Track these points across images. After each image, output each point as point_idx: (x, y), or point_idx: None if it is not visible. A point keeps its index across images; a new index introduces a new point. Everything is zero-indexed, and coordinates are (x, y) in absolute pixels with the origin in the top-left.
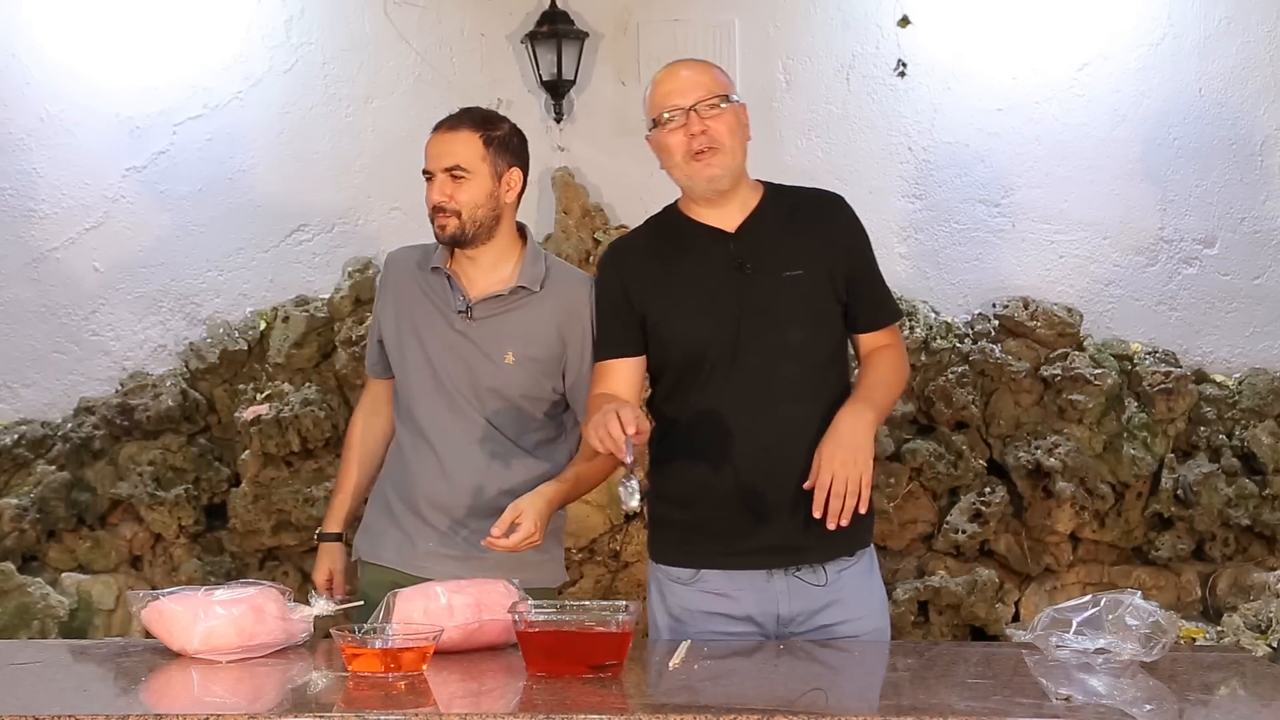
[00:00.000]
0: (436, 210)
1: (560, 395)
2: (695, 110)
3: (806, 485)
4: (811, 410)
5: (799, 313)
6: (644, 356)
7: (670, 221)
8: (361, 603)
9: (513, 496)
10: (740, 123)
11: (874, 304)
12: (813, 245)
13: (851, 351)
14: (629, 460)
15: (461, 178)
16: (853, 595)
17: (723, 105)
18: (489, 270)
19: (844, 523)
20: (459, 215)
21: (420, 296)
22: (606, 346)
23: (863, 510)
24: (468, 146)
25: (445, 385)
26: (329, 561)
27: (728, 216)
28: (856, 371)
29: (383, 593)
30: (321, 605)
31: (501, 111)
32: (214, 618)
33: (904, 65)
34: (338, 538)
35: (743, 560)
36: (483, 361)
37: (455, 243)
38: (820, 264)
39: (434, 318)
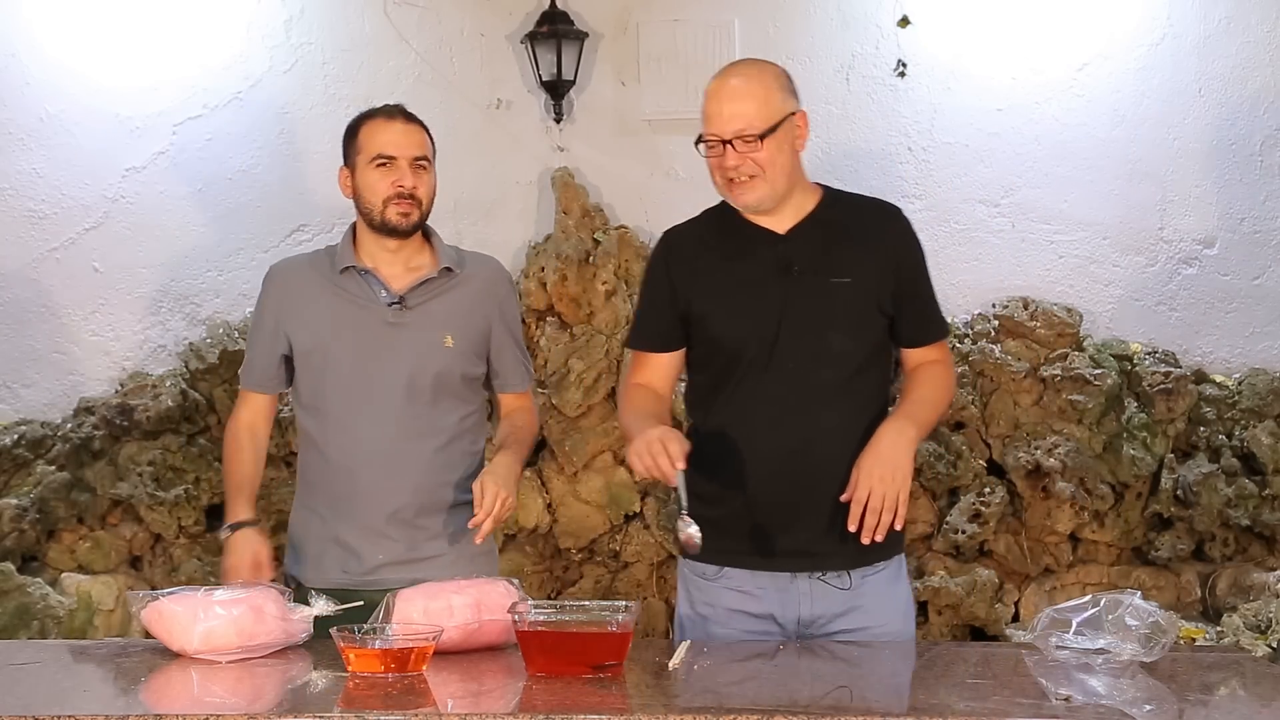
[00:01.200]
0: (399, 198)
1: (484, 371)
2: (731, 144)
3: (844, 498)
4: (844, 417)
5: (840, 319)
6: (682, 350)
7: (724, 216)
8: (361, 603)
9: (457, 487)
10: (788, 140)
11: (921, 319)
12: (863, 255)
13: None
14: (683, 492)
15: (424, 168)
16: (875, 602)
17: (761, 142)
18: (407, 260)
19: (879, 538)
20: (421, 205)
21: (333, 301)
22: (644, 337)
23: (898, 526)
24: (425, 139)
25: (382, 383)
26: (249, 546)
27: (780, 220)
28: (897, 385)
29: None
30: (321, 605)
31: (501, 111)
32: (214, 618)
33: (904, 65)
34: (255, 523)
35: (766, 562)
36: (424, 349)
37: (408, 232)
38: (868, 274)
39: (359, 317)
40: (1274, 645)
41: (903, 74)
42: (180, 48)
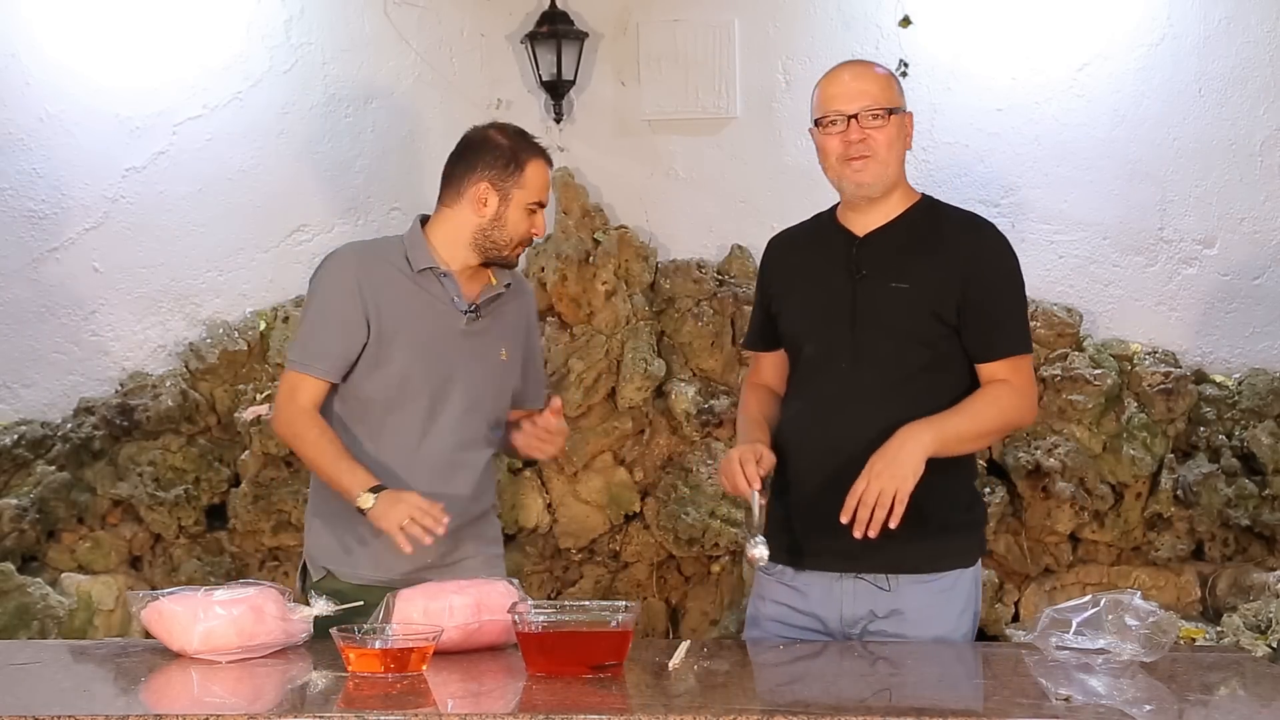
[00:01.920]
0: (527, 243)
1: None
2: (857, 119)
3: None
4: (891, 420)
5: (894, 324)
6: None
7: (823, 220)
8: (361, 603)
9: (490, 496)
10: (902, 133)
11: (987, 334)
12: (928, 263)
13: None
14: (756, 510)
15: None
16: (919, 610)
17: (887, 117)
18: (476, 270)
19: (871, 534)
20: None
21: (413, 298)
22: (752, 338)
23: (892, 524)
24: None
25: (450, 390)
26: (403, 495)
27: (867, 222)
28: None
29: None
30: (321, 605)
31: (501, 111)
32: (214, 618)
33: (905, 65)
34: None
35: (811, 561)
36: (488, 361)
37: (508, 266)
38: (930, 283)
39: (436, 320)
40: (1274, 645)
41: (904, 74)
42: (180, 48)
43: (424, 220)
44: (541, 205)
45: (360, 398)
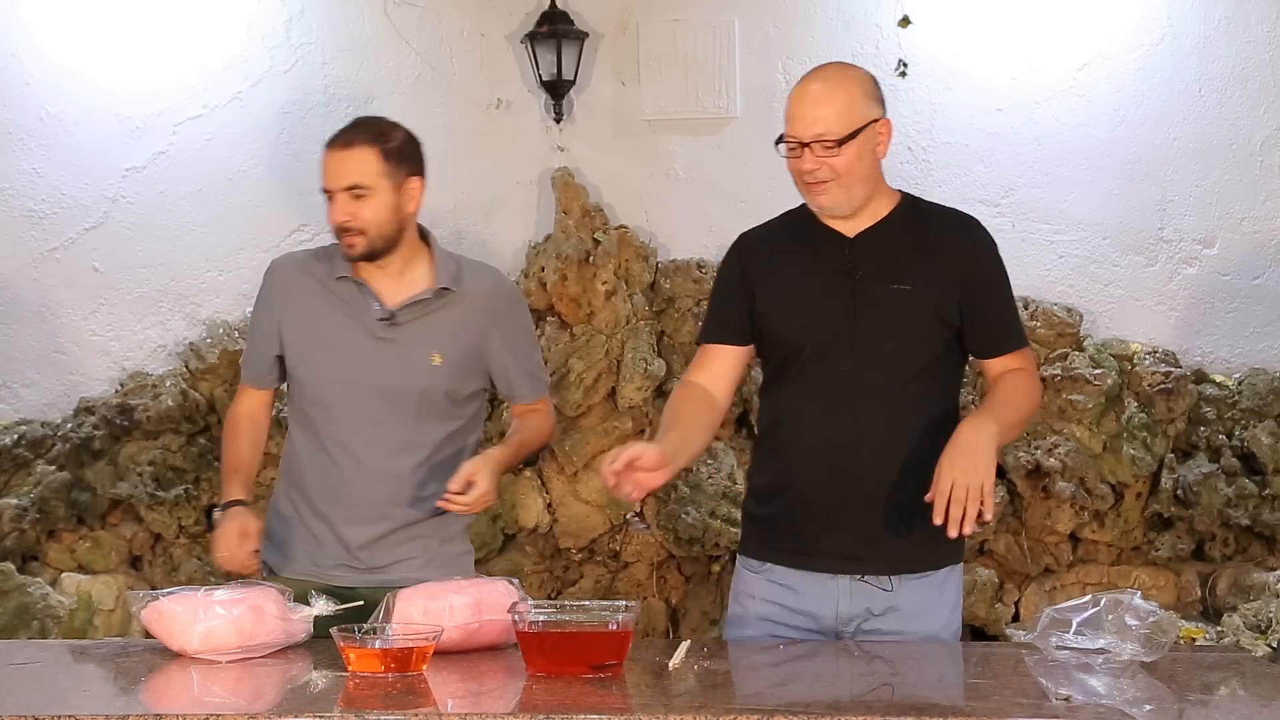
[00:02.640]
0: (342, 230)
1: (479, 387)
2: (810, 147)
3: (928, 497)
4: (892, 421)
5: (897, 325)
6: (749, 347)
7: (799, 218)
8: (361, 603)
9: (432, 499)
10: (867, 148)
11: (993, 331)
12: (928, 265)
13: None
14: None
15: (362, 195)
16: (914, 607)
17: (838, 148)
18: (398, 276)
19: (967, 531)
20: (364, 233)
21: (326, 306)
22: (712, 330)
23: (987, 518)
24: (364, 163)
25: (365, 395)
26: (237, 520)
27: (852, 224)
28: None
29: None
30: (321, 605)
31: (501, 111)
32: (214, 618)
33: (905, 65)
34: (245, 503)
35: (808, 561)
36: (409, 366)
37: (365, 258)
38: (931, 284)
39: (348, 327)
40: (1274, 645)
41: (904, 74)
42: (180, 48)
43: None
44: (326, 192)
45: (296, 404)
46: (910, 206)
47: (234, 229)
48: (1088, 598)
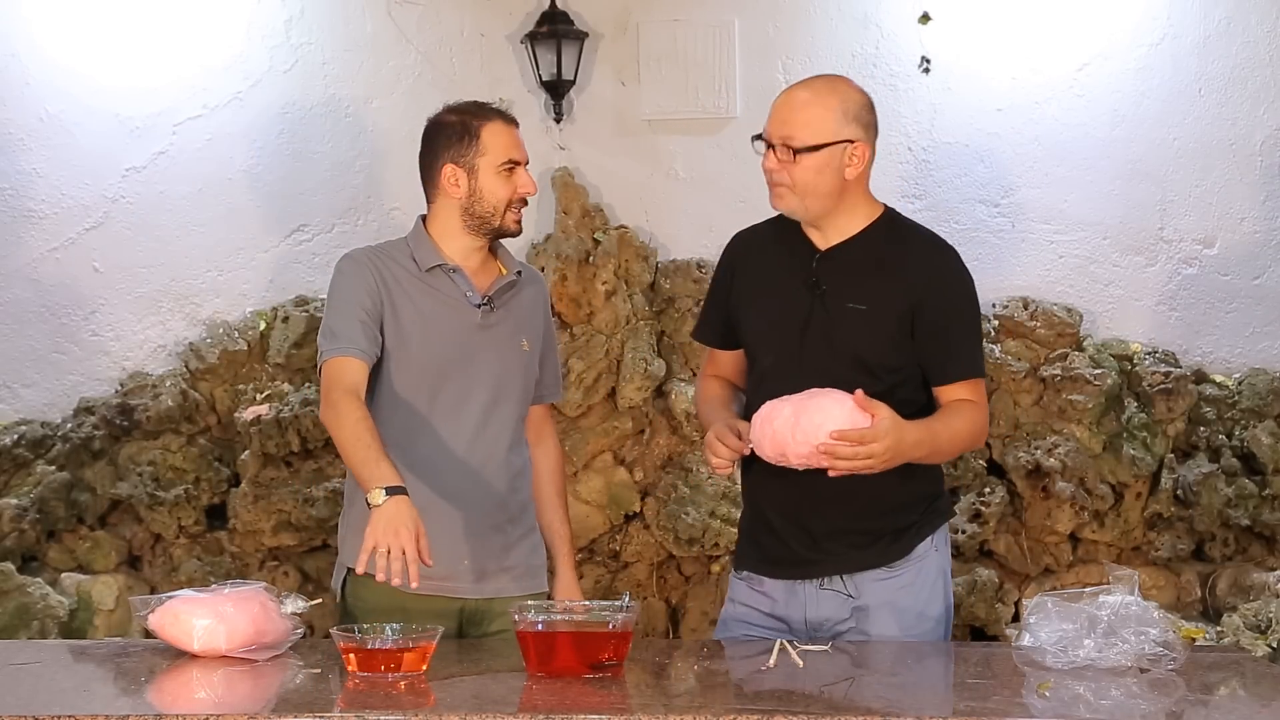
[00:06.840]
0: (522, 203)
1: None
2: (774, 149)
3: (837, 435)
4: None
5: (850, 344)
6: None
7: (788, 224)
8: (319, 601)
9: (523, 494)
10: (833, 165)
11: (942, 359)
12: (886, 286)
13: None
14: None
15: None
16: (883, 607)
17: (794, 158)
18: (485, 261)
19: (825, 465)
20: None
21: (424, 299)
22: (704, 331)
23: (831, 474)
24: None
25: (471, 386)
26: (411, 514)
27: (826, 236)
28: None
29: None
30: (291, 603)
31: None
32: (214, 617)
33: (928, 62)
34: (405, 490)
35: (773, 569)
36: (507, 353)
37: (509, 234)
38: (888, 306)
39: (450, 317)
40: (1274, 645)
41: (927, 70)
42: (180, 48)
43: (424, 219)
44: (515, 163)
45: (387, 400)
46: (888, 224)
47: (234, 229)
48: (1086, 593)
